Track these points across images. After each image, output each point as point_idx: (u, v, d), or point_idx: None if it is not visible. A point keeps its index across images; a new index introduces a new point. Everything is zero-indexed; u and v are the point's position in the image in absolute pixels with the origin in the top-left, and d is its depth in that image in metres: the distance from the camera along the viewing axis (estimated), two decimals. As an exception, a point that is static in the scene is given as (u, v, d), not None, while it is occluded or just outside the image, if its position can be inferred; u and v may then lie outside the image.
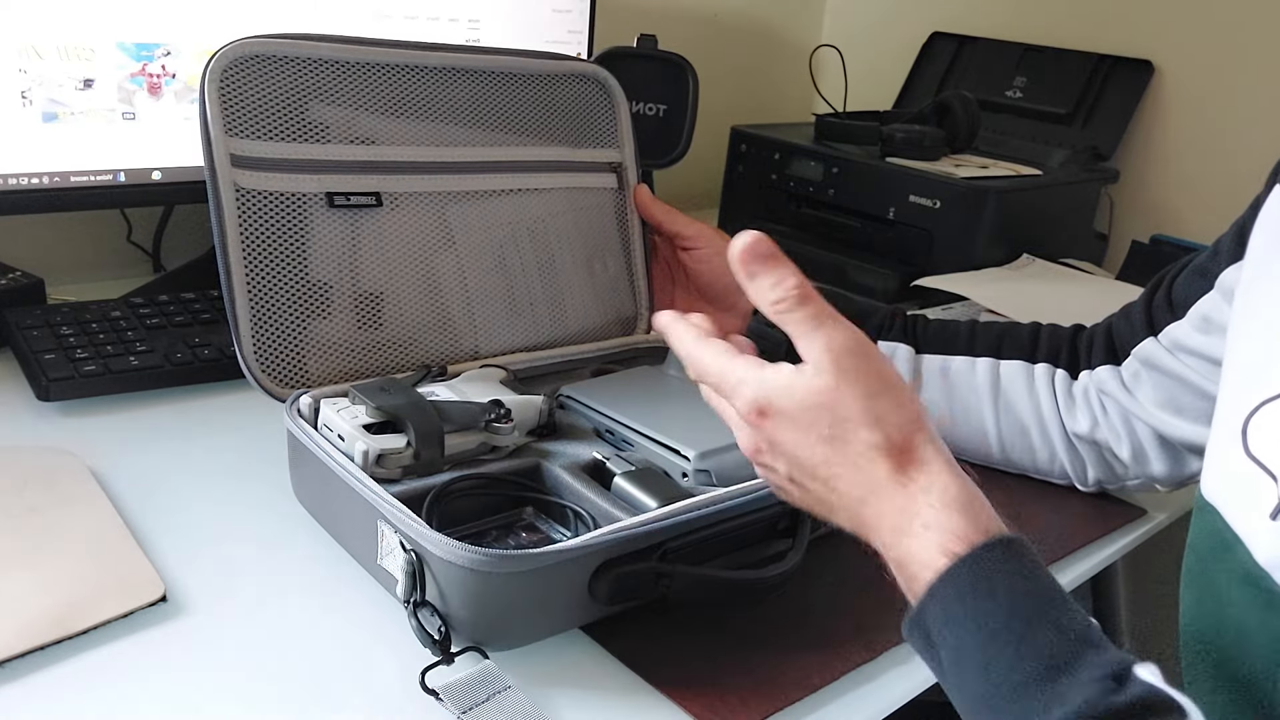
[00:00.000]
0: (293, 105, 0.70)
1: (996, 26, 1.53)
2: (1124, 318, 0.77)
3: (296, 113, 0.70)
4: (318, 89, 0.71)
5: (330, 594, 0.61)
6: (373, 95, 0.73)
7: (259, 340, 0.69)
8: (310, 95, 0.71)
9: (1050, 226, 1.33)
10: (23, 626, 0.54)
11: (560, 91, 0.84)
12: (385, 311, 0.73)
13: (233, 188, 0.67)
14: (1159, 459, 0.75)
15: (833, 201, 1.31)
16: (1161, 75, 1.40)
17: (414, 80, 0.75)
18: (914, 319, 0.84)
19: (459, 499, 0.63)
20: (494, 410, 0.67)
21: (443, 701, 0.53)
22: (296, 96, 0.70)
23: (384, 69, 0.74)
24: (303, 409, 0.66)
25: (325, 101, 0.71)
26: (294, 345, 0.70)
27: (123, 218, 1.08)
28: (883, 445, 0.49)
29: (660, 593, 0.59)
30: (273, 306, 0.69)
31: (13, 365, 0.84)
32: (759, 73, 1.67)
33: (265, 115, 0.69)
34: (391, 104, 0.74)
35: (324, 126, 0.71)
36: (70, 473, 0.69)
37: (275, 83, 0.69)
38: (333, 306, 0.71)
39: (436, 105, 0.77)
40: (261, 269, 0.69)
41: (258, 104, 0.69)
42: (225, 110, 0.67)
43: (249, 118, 0.68)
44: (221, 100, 0.67)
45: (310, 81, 0.71)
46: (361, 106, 0.73)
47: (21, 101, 0.83)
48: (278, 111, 0.69)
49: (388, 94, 0.74)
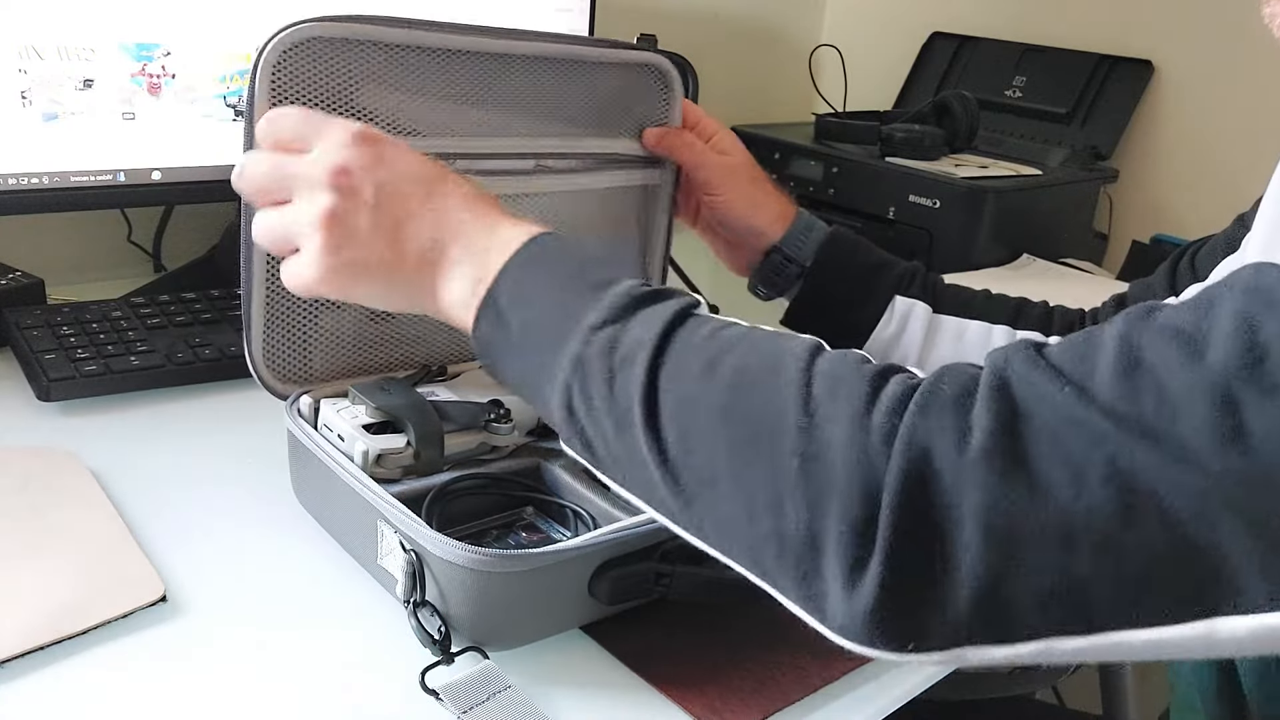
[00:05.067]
0: (341, 93, 0.66)
1: (996, 26, 1.53)
2: (1139, 288, 0.78)
3: (344, 100, 0.66)
4: (368, 75, 0.66)
5: (330, 594, 0.61)
6: (424, 82, 0.69)
7: (269, 336, 0.67)
8: (360, 81, 0.66)
9: (1050, 226, 1.33)
10: (23, 626, 0.54)
11: (613, 81, 0.79)
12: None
13: None
14: None
15: (832, 201, 1.31)
16: (1161, 75, 1.40)
17: (468, 67, 0.71)
18: (934, 279, 0.83)
19: (459, 499, 0.63)
20: (494, 410, 0.67)
21: (443, 701, 0.53)
22: (346, 83, 0.66)
23: (439, 54, 0.69)
24: (303, 409, 0.66)
25: (375, 88, 0.67)
26: (302, 339, 0.69)
27: (123, 218, 1.08)
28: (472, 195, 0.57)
29: (660, 593, 0.59)
30: (287, 301, 0.68)
31: (13, 365, 0.84)
32: (759, 73, 1.67)
33: (311, 104, 0.64)
34: (443, 92, 0.70)
35: (370, 115, 0.67)
36: (70, 473, 0.69)
37: (326, 68, 0.65)
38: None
39: (489, 94, 0.72)
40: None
41: (307, 92, 0.64)
42: (274, 100, 0.63)
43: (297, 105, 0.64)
44: (271, 89, 0.63)
45: (361, 67, 0.66)
46: (411, 93, 0.69)
47: (21, 101, 0.83)
48: (325, 100, 0.65)
49: (439, 81, 0.70)
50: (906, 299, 0.81)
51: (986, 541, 0.38)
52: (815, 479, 0.41)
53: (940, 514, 0.39)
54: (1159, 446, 0.36)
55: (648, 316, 0.49)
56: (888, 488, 0.39)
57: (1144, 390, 0.37)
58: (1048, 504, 0.37)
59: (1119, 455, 0.37)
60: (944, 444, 0.39)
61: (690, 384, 0.46)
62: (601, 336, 0.49)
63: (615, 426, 0.48)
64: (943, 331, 0.80)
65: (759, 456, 0.43)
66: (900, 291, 0.81)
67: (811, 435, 0.42)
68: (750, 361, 0.46)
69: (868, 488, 0.40)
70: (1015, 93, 1.48)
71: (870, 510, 0.39)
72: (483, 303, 0.53)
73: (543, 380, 0.51)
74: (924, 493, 0.39)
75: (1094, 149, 1.40)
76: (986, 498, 0.38)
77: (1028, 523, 0.38)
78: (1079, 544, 0.37)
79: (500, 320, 0.53)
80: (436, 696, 0.53)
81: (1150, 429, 0.37)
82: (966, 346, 0.80)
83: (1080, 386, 0.38)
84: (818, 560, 0.41)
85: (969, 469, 0.38)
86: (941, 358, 0.80)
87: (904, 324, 0.80)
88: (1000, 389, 0.39)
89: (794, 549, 0.42)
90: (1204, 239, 0.74)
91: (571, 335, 0.50)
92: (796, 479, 0.41)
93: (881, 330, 0.80)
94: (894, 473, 0.39)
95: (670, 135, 0.81)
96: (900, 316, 0.80)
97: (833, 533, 0.40)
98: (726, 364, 0.46)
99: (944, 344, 0.80)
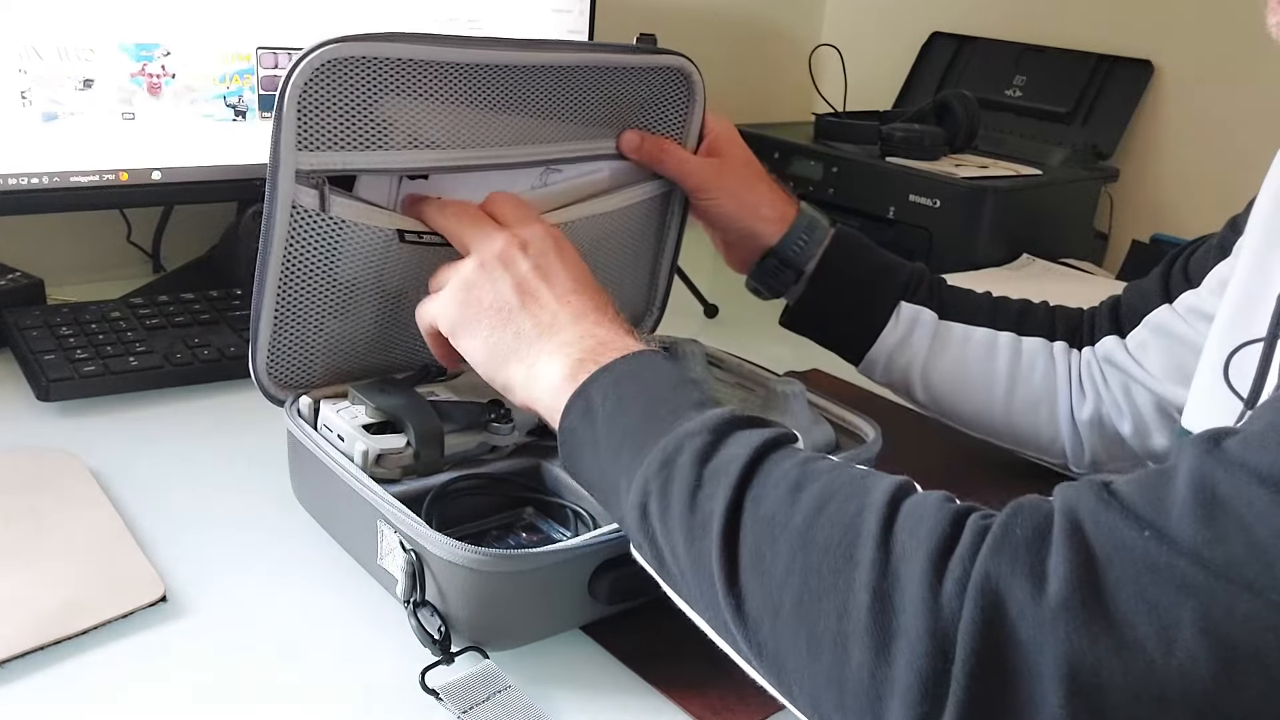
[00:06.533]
0: (363, 107, 0.65)
1: (996, 26, 1.53)
2: (1134, 291, 0.77)
3: (365, 114, 0.65)
4: (388, 88, 0.65)
5: (330, 594, 0.61)
6: (444, 93, 0.67)
7: (275, 345, 0.66)
8: (380, 94, 0.65)
9: (1050, 226, 1.33)
10: (23, 626, 0.54)
11: (633, 85, 0.76)
12: (403, 309, 0.71)
13: (289, 207, 0.63)
14: (1161, 431, 0.74)
15: (832, 201, 1.31)
16: (1161, 75, 1.40)
17: (488, 78, 0.69)
18: (939, 283, 0.82)
19: (459, 499, 0.63)
20: (494, 410, 0.67)
21: (443, 701, 0.53)
22: (368, 97, 0.64)
23: (459, 67, 0.68)
24: (302, 409, 0.66)
25: (394, 99, 0.66)
26: (306, 345, 0.68)
27: (123, 218, 1.08)
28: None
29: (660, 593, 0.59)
30: (296, 313, 0.66)
31: (13, 365, 0.84)
32: (759, 72, 1.67)
33: (337, 124, 0.64)
34: (462, 102, 0.68)
35: (390, 126, 0.66)
36: (70, 473, 0.69)
37: (351, 85, 0.64)
38: (354, 304, 0.69)
39: (509, 103, 0.71)
40: (295, 279, 0.65)
41: (332, 109, 0.63)
42: (301, 121, 0.62)
43: (321, 128, 0.63)
44: (300, 109, 0.62)
45: (382, 81, 0.65)
46: (431, 104, 0.67)
47: (21, 101, 0.83)
48: (348, 114, 0.64)
49: (459, 92, 0.68)
50: (912, 305, 0.79)
51: (1071, 699, 0.35)
52: (884, 619, 0.38)
53: (1018, 671, 0.36)
54: (1258, 596, 0.34)
55: (745, 438, 0.48)
56: (961, 637, 0.36)
57: (1229, 534, 0.35)
58: (1137, 660, 0.34)
59: (1212, 605, 0.34)
60: (1019, 592, 0.36)
61: (773, 505, 0.44)
62: (695, 445, 0.48)
63: (688, 537, 0.46)
64: (948, 339, 0.79)
65: (829, 587, 0.40)
66: (905, 297, 0.80)
67: (886, 572, 0.39)
68: (836, 490, 0.44)
69: (939, 636, 0.37)
70: (1015, 93, 1.48)
71: (942, 663, 0.36)
72: (580, 387, 0.54)
73: (620, 477, 0.51)
74: (1000, 646, 0.36)
75: (1094, 148, 1.40)
76: (1069, 651, 0.35)
77: (1115, 680, 0.35)
78: (1175, 703, 0.34)
79: (589, 411, 0.53)
80: (436, 696, 0.53)
81: (1244, 576, 0.34)
82: (972, 354, 0.79)
83: (1159, 530, 0.36)
84: (881, 713, 0.38)
85: (1049, 621, 0.35)
86: (947, 365, 0.79)
87: (909, 331, 0.79)
88: (1074, 533, 0.37)
89: (856, 696, 0.39)
90: (1198, 241, 0.74)
91: (663, 439, 0.49)
92: (865, 616, 0.39)
93: (886, 337, 0.79)
94: (967, 622, 0.36)
95: (647, 144, 0.77)
96: (906, 323, 0.79)
97: (900, 684, 0.37)
98: (812, 489, 0.44)
99: (949, 351, 0.79)
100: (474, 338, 0.60)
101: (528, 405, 0.58)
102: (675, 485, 0.47)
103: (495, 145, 0.71)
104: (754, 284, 0.84)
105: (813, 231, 0.81)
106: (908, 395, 0.82)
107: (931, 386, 0.80)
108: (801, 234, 0.80)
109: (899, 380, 0.81)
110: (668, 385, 0.53)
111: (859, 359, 0.82)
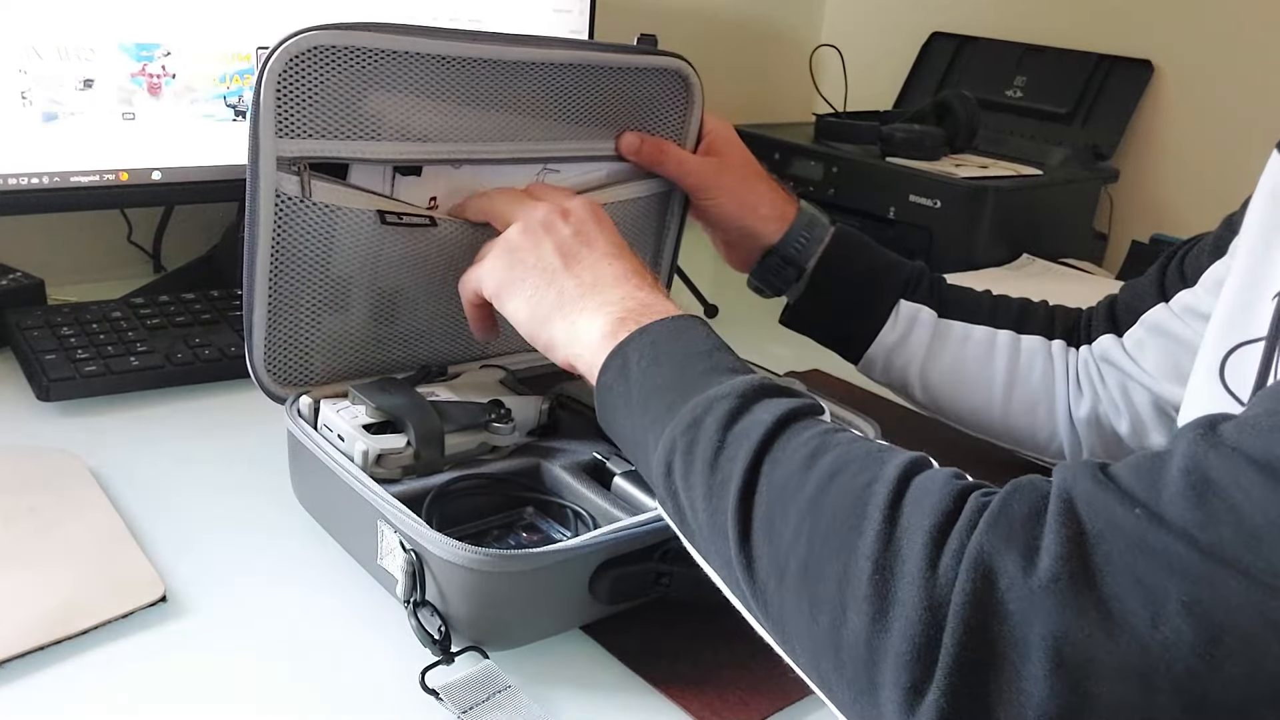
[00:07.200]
0: (348, 100, 0.64)
1: (996, 26, 1.53)
2: (1130, 290, 0.77)
3: (350, 107, 0.65)
4: (375, 81, 0.65)
5: (330, 594, 0.61)
6: (432, 87, 0.67)
7: (271, 340, 0.67)
8: (367, 88, 0.65)
9: (1050, 226, 1.33)
10: (23, 626, 0.54)
11: (630, 86, 0.76)
12: (400, 307, 0.72)
13: (273, 194, 0.63)
14: (1158, 430, 0.74)
15: (833, 201, 1.31)
16: (1161, 75, 1.40)
17: (478, 72, 0.69)
18: (938, 281, 0.82)
19: (459, 499, 0.63)
20: (494, 410, 0.67)
21: (443, 701, 0.53)
22: (352, 90, 0.64)
23: (447, 60, 0.67)
24: (303, 409, 0.66)
25: (382, 94, 0.66)
26: (303, 342, 0.68)
27: (123, 218, 1.08)
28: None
29: (660, 593, 0.59)
30: (290, 305, 0.67)
31: (13, 365, 0.84)
32: (759, 73, 1.67)
33: (318, 112, 0.64)
34: (451, 97, 0.68)
35: (378, 121, 0.66)
36: (70, 473, 0.69)
37: (332, 76, 0.63)
38: (349, 301, 0.69)
39: (500, 99, 0.70)
40: (286, 269, 0.66)
41: (312, 100, 0.63)
42: (279, 108, 0.62)
43: (301, 115, 0.63)
44: (278, 98, 0.61)
45: (367, 74, 0.64)
46: (420, 98, 0.67)
47: (21, 101, 0.83)
48: (331, 107, 0.64)
49: (448, 86, 0.68)
50: (912, 304, 0.80)
51: (1056, 674, 0.35)
52: (883, 588, 0.39)
53: (1006, 643, 0.36)
54: (1246, 577, 0.34)
55: (771, 405, 0.49)
56: (953, 608, 0.37)
57: (1221, 516, 0.35)
58: (1123, 637, 0.35)
59: (1200, 585, 0.35)
60: (1011, 566, 0.37)
61: (788, 471, 0.46)
62: (722, 408, 0.49)
63: (707, 495, 0.48)
64: (947, 337, 0.79)
65: (834, 553, 0.41)
66: (905, 295, 0.80)
67: (889, 543, 0.40)
68: (850, 461, 0.45)
69: (933, 607, 0.38)
70: (1015, 93, 1.48)
71: (934, 633, 0.37)
72: (619, 345, 0.56)
73: (649, 434, 0.52)
74: (990, 618, 0.37)
75: (1094, 149, 1.40)
76: (1056, 627, 0.36)
77: (1100, 656, 0.35)
78: (1159, 681, 0.35)
79: (625, 369, 0.55)
80: (436, 696, 0.53)
81: (1232, 557, 0.34)
82: (970, 352, 0.79)
83: (1150, 509, 0.36)
84: (875, 676, 0.39)
85: (1038, 596, 0.36)
86: (945, 364, 0.79)
87: (909, 330, 0.79)
88: (1067, 511, 0.38)
89: (851, 659, 0.40)
90: (1193, 240, 0.74)
91: (693, 399, 0.51)
92: (865, 584, 0.40)
93: (885, 335, 0.79)
94: (959, 594, 0.37)
95: (647, 146, 0.77)
96: (905, 322, 0.79)
97: (894, 650, 0.38)
98: (827, 459, 0.45)
99: (948, 350, 0.79)
100: (518, 297, 0.62)
101: (569, 363, 0.60)
102: (700, 445, 0.49)
103: (488, 140, 0.71)
104: (756, 283, 0.84)
105: (813, 229, 0.81)
106: (906, 394, 0.82)
107: (930, 385, 0.80)
108: (802, 232, 0.81)
109: (898, 379, 0.81)
110: (703, 350, 0.55)
111: (858, 357, 0.82)
